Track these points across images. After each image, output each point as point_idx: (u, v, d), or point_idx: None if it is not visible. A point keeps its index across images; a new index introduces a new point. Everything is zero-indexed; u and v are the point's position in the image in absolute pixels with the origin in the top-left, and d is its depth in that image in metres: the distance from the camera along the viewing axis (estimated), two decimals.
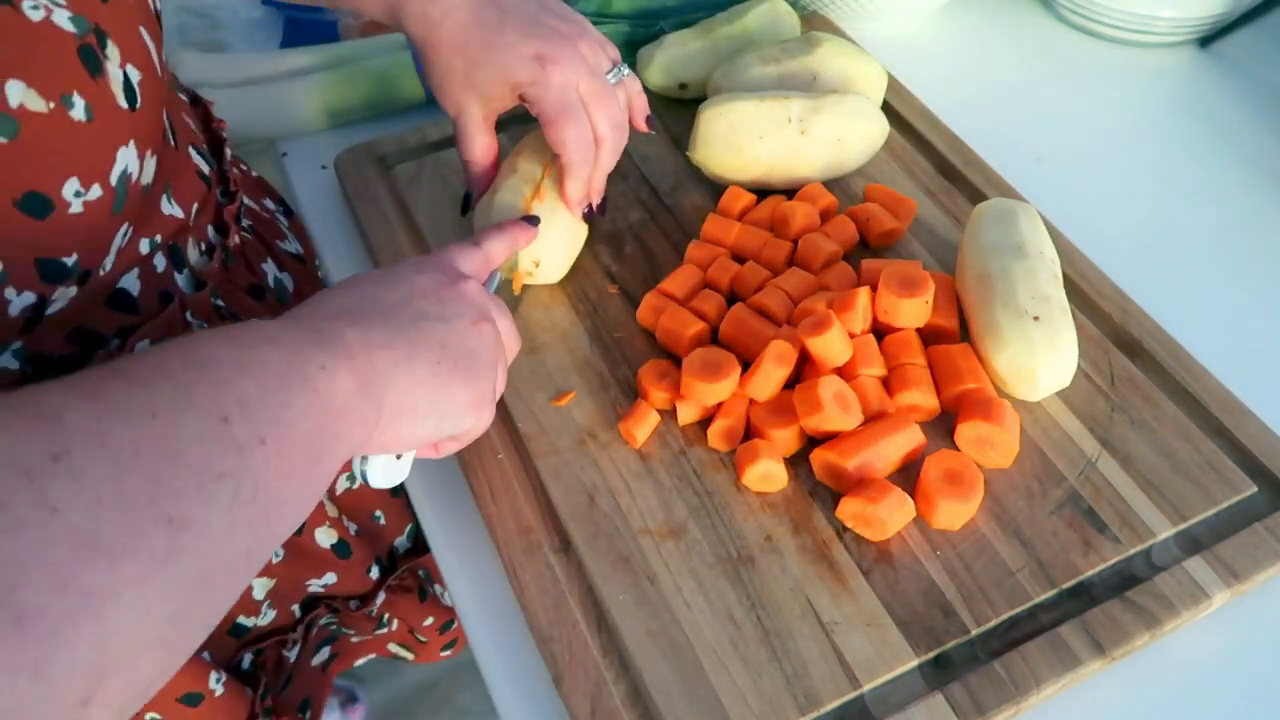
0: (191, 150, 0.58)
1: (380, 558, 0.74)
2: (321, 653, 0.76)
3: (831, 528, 0.56)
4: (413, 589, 0.78)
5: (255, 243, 0.65)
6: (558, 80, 0.60)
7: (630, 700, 0.50)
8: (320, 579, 0.68)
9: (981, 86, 0.89)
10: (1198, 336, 0.65)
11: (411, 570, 0.77)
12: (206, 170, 0.59)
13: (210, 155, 0.61)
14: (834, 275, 0.66)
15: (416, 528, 0.76)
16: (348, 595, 0.72)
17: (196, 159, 0.58)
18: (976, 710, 0.49)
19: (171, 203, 0.54)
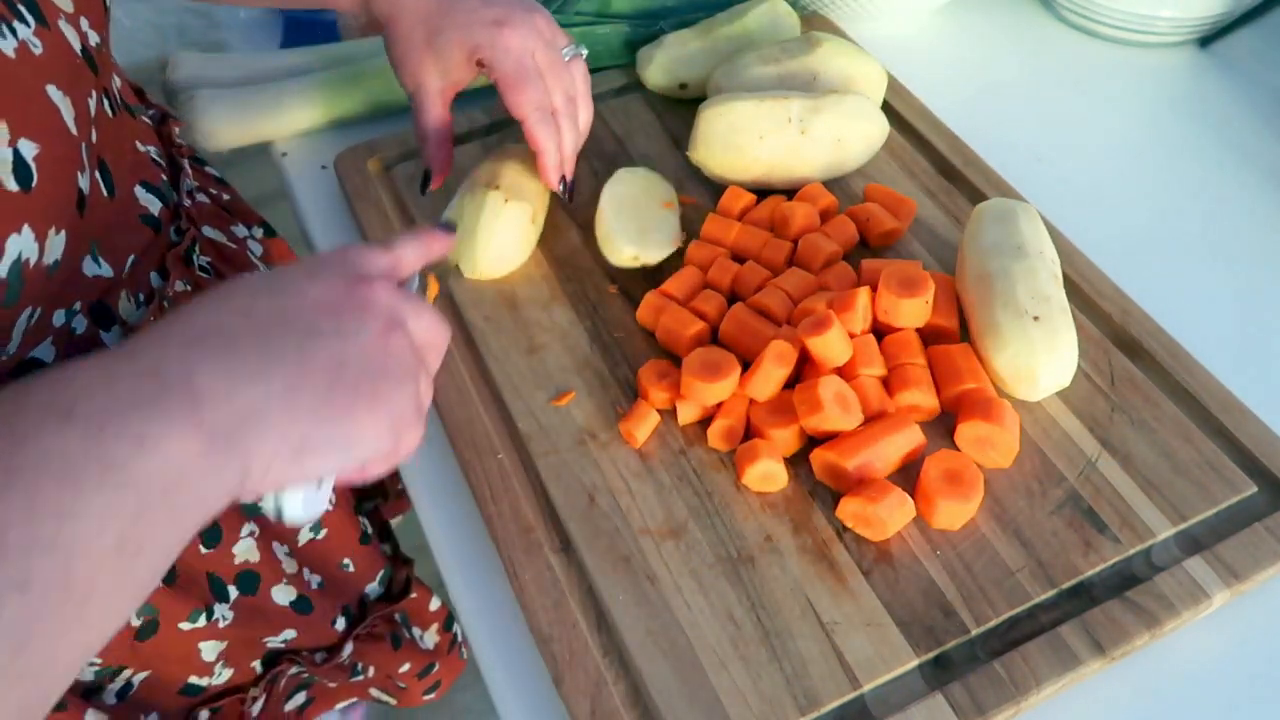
0: (139, 191, 0.54)
1: (348, 607, 0.69)
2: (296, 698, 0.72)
3: (831, 528, 0.56)
4: (384, 637, 0.73)
5: (213, 281, 0.60)
6: (515, 45, 0.62)
7: (630, 700, 0.50)
8: (278, 636, 0.64)
9: (981, 86, 0.89)
10: (1198, 336, 0.65)
11: (385, 617, 0.73)
12: (157, 210, 0.55)
13: (168, 186, 0.57)
14: (834, 275, 0.66)
15: (391, 573, 0.72)
16: (312, 649, 0.68)
17: (145, 200, 0.54)
18: (976, 710, 0.49)
19: (99, 262, 0.49)
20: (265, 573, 0.61)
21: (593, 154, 0.78)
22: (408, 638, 0.76)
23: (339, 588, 0.68)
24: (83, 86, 0.46)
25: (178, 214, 0.57)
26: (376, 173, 0.77)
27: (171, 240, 0.55)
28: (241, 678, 0.64)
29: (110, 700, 0.56)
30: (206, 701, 0.62)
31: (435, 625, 0.77)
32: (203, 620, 0.57)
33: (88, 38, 0.48)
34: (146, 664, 0.57)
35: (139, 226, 0.53)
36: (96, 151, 0.48)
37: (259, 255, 0.67)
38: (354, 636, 0.70)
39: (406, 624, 0.75)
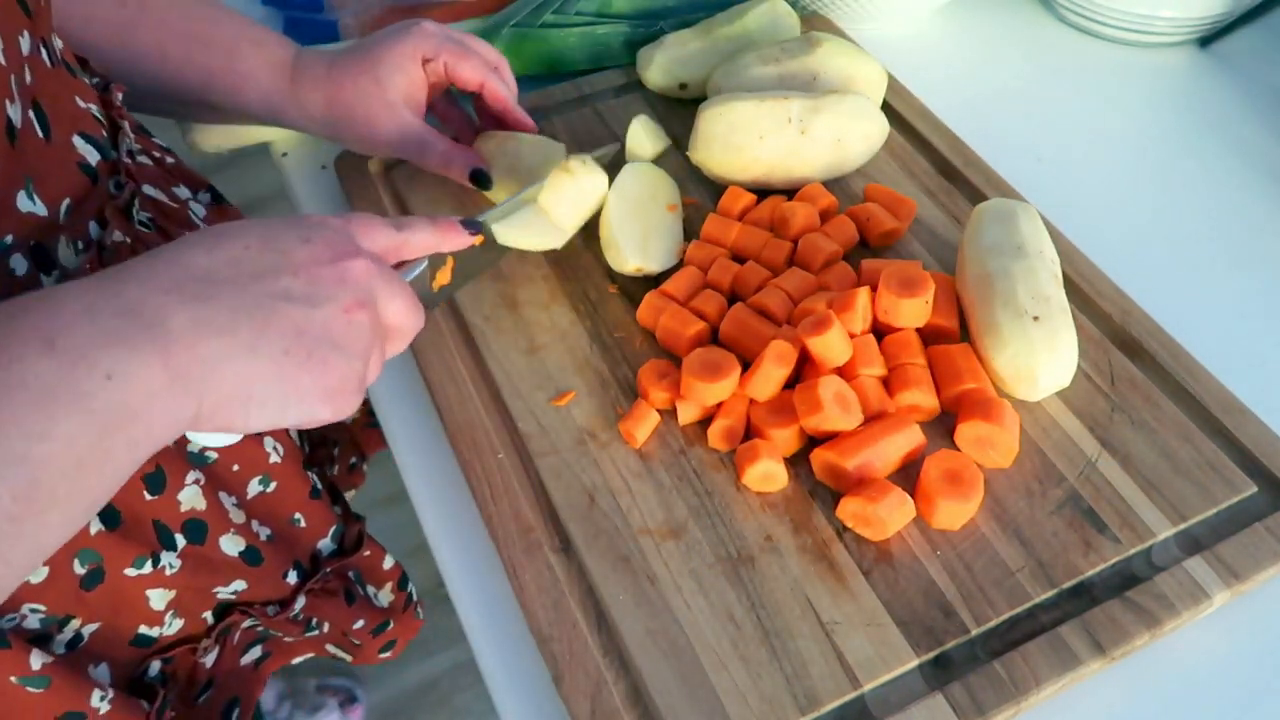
0: (78, 140, 0.54)
1: (299, 561, 0.69)
2: (253, 651, 0.71)
3: (831, 528, 0.56)
4: (338, 592, 0.73)
5: (156, 236, 0.61)
6: (433, 29, 0.68)
7: (630, 700, 0.50)
8: (228, 586, 0.64)
9: (981, 86, 0.89)
10: (1198, 336, 0.65)
11: (339, 573, 0.73)
12: (94, 161, 0.55)
13: (107, 143, 0.57)
14: (834, 275, 0.66)
15: (343, 529, 0.71)
16: (263, 601, 0.68)
17: (83, 149, 0.55)
18: (976, 710, 0.49)
19: (34, 199, 0.50)
20: (212, 522, 0.60)
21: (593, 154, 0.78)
22: (361, 595, 0.76)
23: (290, 542, 0.68)
24: (11, 25, 0.47)
25: (117, 170, 0.58)
26: (376, 173, 0.77)
27: (110, 192, 0.56)
28: (193, 628, 0.63)
29: (60, 650, 0.56)
30: (158, 652, 0.62)
31: (390, 584, 0.78)
32: (148, 567, 0.57)
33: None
34: (95, 614, 0.56)
35: (76, 173, 0.54)
36: (31, 92, 0.49)
37: (201, 217, 0.67)
38: (306, 590, 0.69)
39: (360, 582, 0.76)
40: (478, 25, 0.86)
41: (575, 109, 0.82)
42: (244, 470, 0.62)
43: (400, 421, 0.65)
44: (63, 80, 0.54)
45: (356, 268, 0.45)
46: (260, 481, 0.64)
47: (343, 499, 0.75)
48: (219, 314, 0.40)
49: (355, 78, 0.67)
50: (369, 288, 0.45)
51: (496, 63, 0.72)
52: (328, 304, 0.43)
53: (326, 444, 0.84)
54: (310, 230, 0.45)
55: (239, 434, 0.47)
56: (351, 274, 0.45)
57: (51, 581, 0.53)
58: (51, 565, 0.52)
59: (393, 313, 0.47)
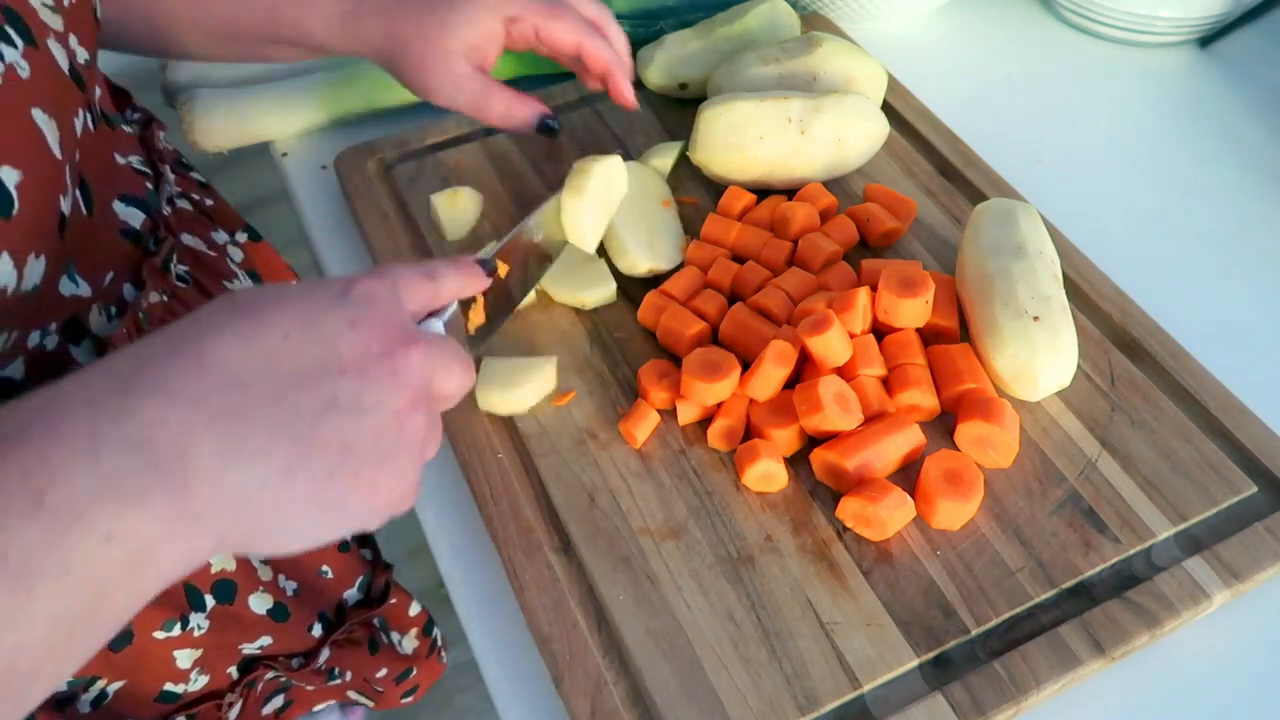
0: (118, 205, 0.52)
1: (325, 613, 0.68)
2: (274, 701, 0.71)
3: (831, 528, 0.56)
4: (362, 642, 0.72)
5: (191, 291, 0.58)
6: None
7: (630, 700, 0.50)
8: (254, 643, 0.63)
9: (981, 86, 0.89)
10: (1198, 336, 0.65)
11: (363, 623, 0.71)
12: (138, 223, 0.53)
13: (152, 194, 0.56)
14: (834, 275, 0.66)
15: (369, 579, 0.71)
16: (288, 654, 0.67)
17: (124, 214, 0.52)
18: (976, 710, 0.49)
19: (76, 281, 0.48)
20: (242, 581, 0.60)
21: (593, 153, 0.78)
22: (385, 642, 0.74)
23: (316, 594, 0.67)
24: (70, 107, 0.45)
25: (156, 225, 0.55)
26: (376, 173, 0.77)
27: (148, 249, 0.54)
28: (217, 684, 0.63)
29: (85, 709, 0.56)
30: (183, 708, 0.61)
31: (415, 630, 0.76)
32: (178, 629, 0.57)
33: (76, 55, 0.46)
34: (121, 673, 0.56)
35: (118, 241, 0.52)
36: (78, 169, 0.47)
37: (239, 261, 0.65)
38: (331, 642, 0.69)
39: (385, 629, 0.74)
40: None
41: (575, 109, 0.82)
42: None
43: None
44: (104, 140, 0.52)
45: (412, 360, 0.38)
46: None
47: (373, 542, 0.75)
48: (252, 436, 0.34)
49: (421, 17, 0.61)
50: (422, 381, 0.38)
51: (597, 17, 0.65)
52: (380, 409, 0.36)
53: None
54: (357, 309, 0.37)
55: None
56: (405, 368, 0.37)
57: None
58: None
59: (451, 386, 0.40)
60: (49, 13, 0.45)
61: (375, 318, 0.37)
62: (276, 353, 0.35)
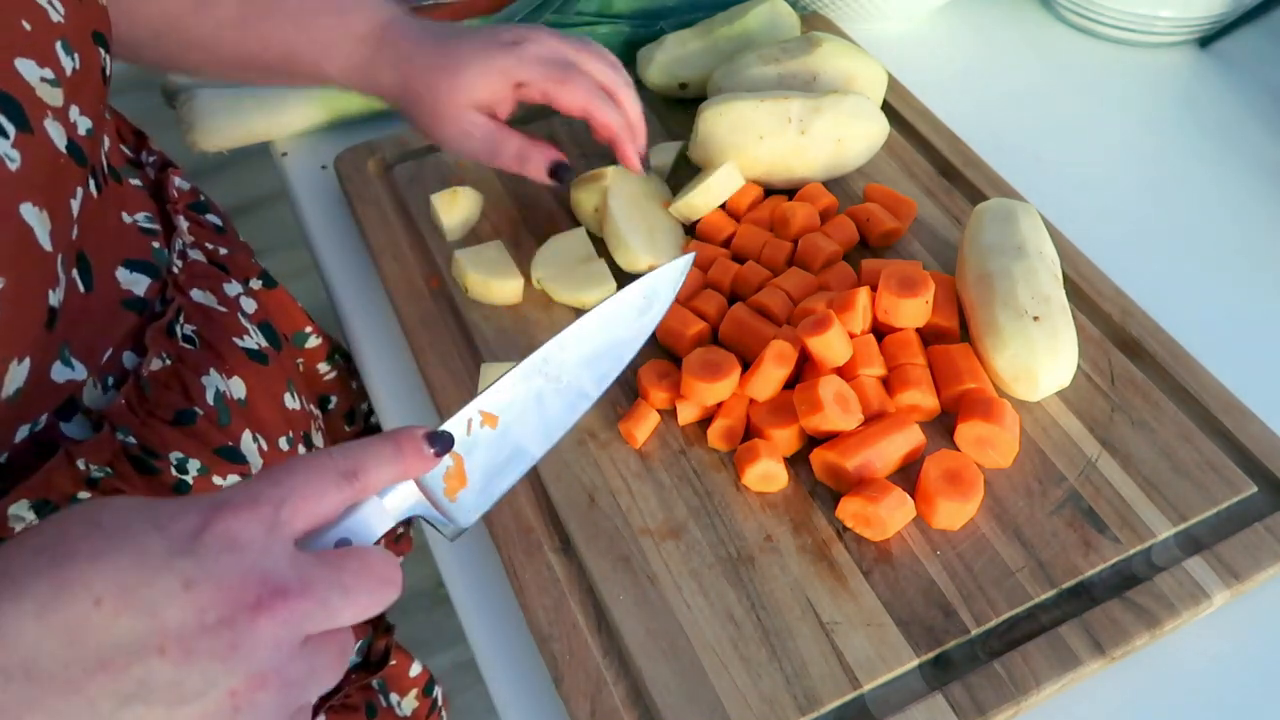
0: (122, 273, 0.50)
1: None
2: None
3: (831, 528, 0.56)
4: (359, 707, 0.69)
5: (198, 352, 0.56)
6: (539, 51, 0.62)
7: (630, 700, 0.50)
8: None
9: (982, 86, 0.89)
10: (1198, 336, 0.65)
11: (362, 687, 0.69)
12: (143, 289, 0.51)
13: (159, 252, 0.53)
14: (834, 275, 0.66)
15: (370, 642, 0.69)
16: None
17: (127, 281, 0.50)
18: (976, 710, 0.49)
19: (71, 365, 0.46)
20: None
21: (593, 153, 0.78)
22: (384, 706, 0.72)
23: None
24: (66, 188, 0.43)
25: (165, 284, 0.53)
26: (376, 173, 0.77)
27: (154, 312, 0.52)
28: None
29: None
30: None
31: (415, 691, 0.75)
32: None
33: (76, 127, 0.44)
34: None
35: (120, 313, 0.50)
36: (77, 246, 0.45)
37: (251, 313, 0.63)
38: (327, 709, 0.67)
39: (384, 690, 0.73)
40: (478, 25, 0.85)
41: None
42: None
43: (400, 422, 0.65)
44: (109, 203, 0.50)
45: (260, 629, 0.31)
46: None
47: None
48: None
49: (431, 73, 0.62)
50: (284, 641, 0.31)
51: (611, 83, 0.65)
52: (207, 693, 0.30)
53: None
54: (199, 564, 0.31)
55: None
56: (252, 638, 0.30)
57: None
58: None
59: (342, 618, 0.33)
60: (48, 88, 0.42)
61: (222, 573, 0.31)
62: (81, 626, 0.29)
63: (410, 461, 0.38)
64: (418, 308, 0.68)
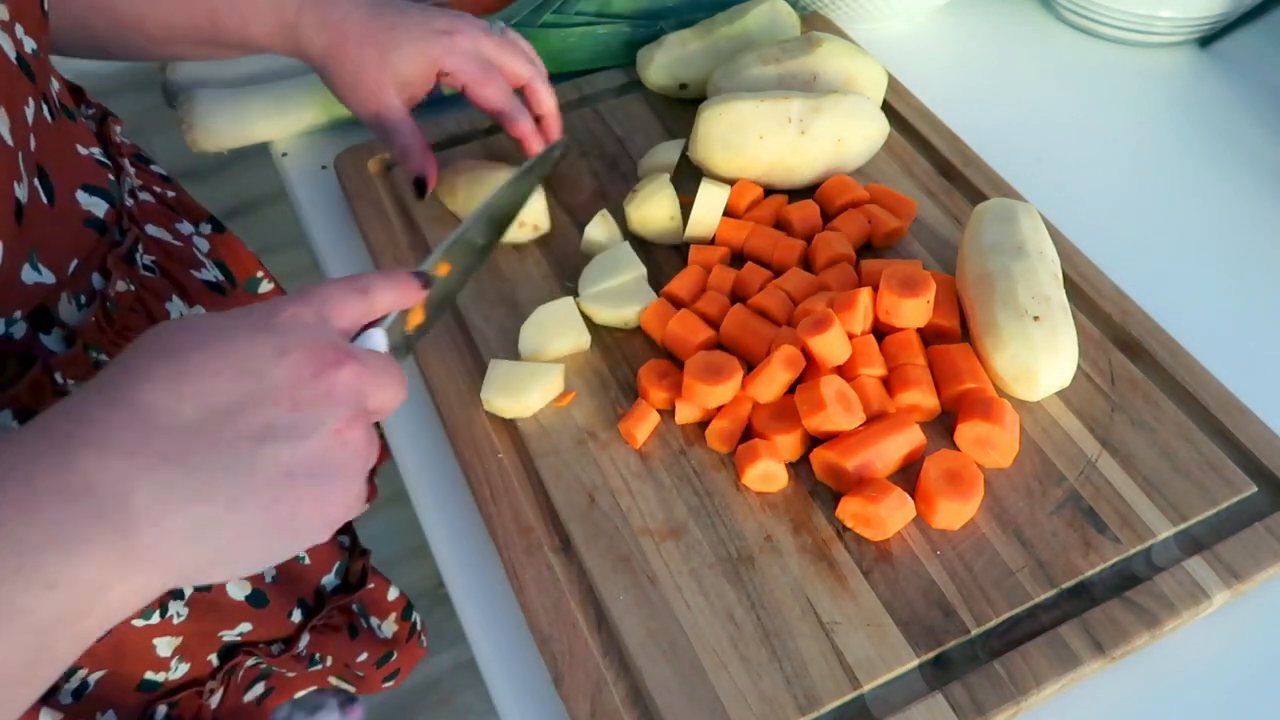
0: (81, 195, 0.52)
1: (304, 599, 0.68)
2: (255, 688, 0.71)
3: (831, 528, 0.56)
4: (341, 627, 0.72)
5: (160, 280, 0.58)
6: (468, 46, 0.65)
7: (630, 700, 0.50)
8: (234, 629, 0.63)
9: (981, 86, 0.89)
10: (1198, 336, 0.65)
11: (342, 608, 0.72)
12: (102, 212, 0.53)
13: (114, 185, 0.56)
14: (834, 275, 0.66)
15: (346, 564, 0.71)
16: (268, 641, 0.67)
17: (88, 204, 0.52)
18: (976, 710, 0.49)
19: (39, 269, 0.48)
20: None
21: (593, 154, 0.78)
22: (365, 627, 0.75)
23: (294, 581, 0.68)
24: (19, 95, 0.45)
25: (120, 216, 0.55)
26: (376, 173, 0.77)
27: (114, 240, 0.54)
28: (198, 671, 0.63)
29: (66, 700, 0.56)
30: (164, 696, 0.61)
31: (394, 615, 0.77)
32: (156, 617, 0.57)
33: (23, 44, 0.46)
34: (101, 663, 0.56)
35: (82, 230, 0.52)
36: (35, 159, 0.47)
37: (205, 251, 0.65)
38: (310, 628, 0.69)
39: (364, 614, 0.75)
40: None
41: (575, 109, 0.82)
42: None
43: (400, 422, 0.65)
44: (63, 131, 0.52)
45: (344, 378, 0.38)
46: None
47: (351, 528, 0.75)
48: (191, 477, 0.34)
49: (361, 44, 0.64)
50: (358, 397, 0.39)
51: (529, 78, 0.68)
52: (318, 430, 0.37)
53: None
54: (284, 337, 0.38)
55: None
56: (339, 388, 0.38)
57: None
58: None
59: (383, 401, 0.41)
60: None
61: (303, 342, 0.38)
62: (207, 392, 0.36)
63: (403, 287, 0.46)
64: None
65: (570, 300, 0.66)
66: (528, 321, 0.64)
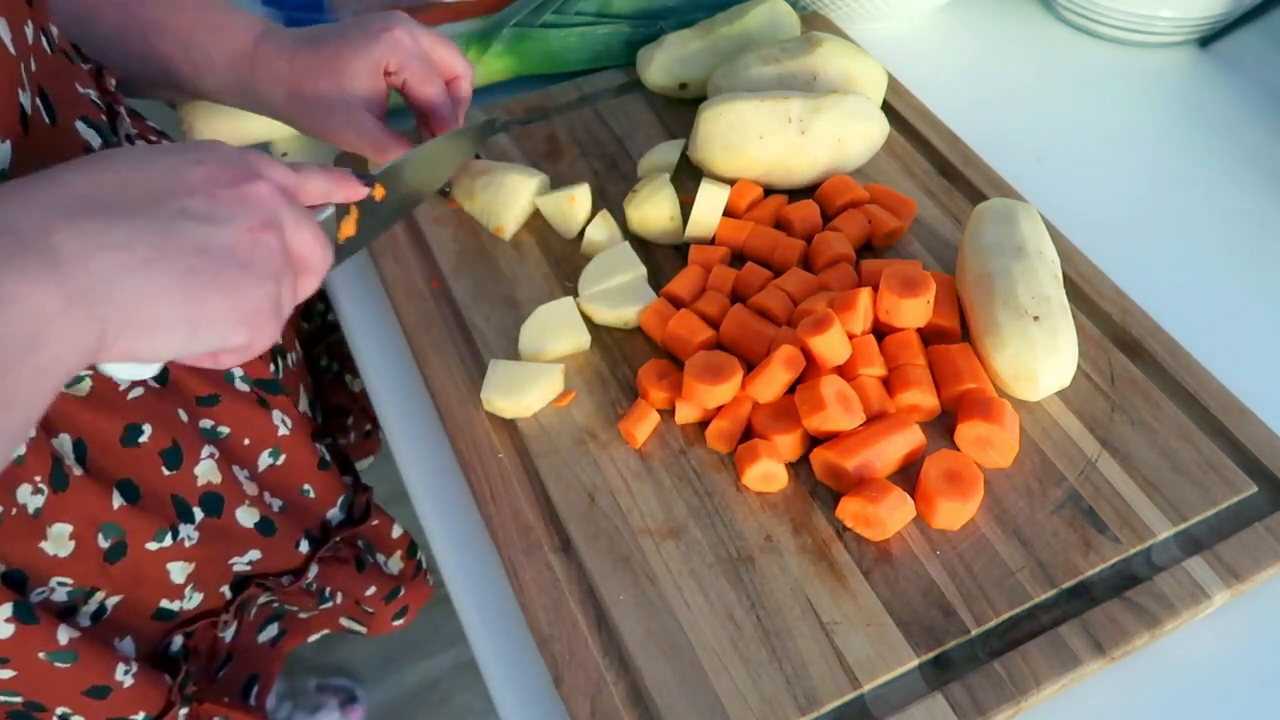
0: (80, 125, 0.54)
1: (310, 531, 0.70)
2: (269, 629, 0.73)
3: (831, 528, 0.56)
4: (349, 560, 0.74)
5: None
6: (407, 41, 0.65)
7: (630, 700, 0.50)
8: (243, 556, 0.65)
9: (981, 86, 0.89)
10: (1198, 336, 0.65)
11: (348, 541, 0.74)
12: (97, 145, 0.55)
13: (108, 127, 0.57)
14: (834, 275, 0.66)
15: (351, 498, 0.73)
16: (277, 572, 0.69)
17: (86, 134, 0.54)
18: (976, 710, 0.49)
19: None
20: (228, 494, 0.61)
21: (593, 154, 0.78)
22: (371, 562, 0.77)
23: (300, 512, 0.69)
24: (18, 15, 0.47)
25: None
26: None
27: None
28: (211, 603, 0.65)
29: (85, 623, 0.57)
30: (179, 626, 0.63)
31: (399, 552, 0.79)
32: (169, 540, 0.58)
33: None
34: (118, 587, 0.58)
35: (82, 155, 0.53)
36: (37, 79, 0.49)
37: None
38: (318, 559, 0.71)
39: (370, 550, 0.76)
40: (478, 25, 0.85)
41: (575, 109, 0.82)
42: (255, 444, 0.64)
43: (400, 422, 0.65)
44: (63, 66, 0.54)
45: (259, 189, 0.42)
46: (270, 454, 0.66)
47: (353, 469, 0.77)
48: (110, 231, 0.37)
49: (316, 79, 0.64)
50: (273, 211, 0.42)
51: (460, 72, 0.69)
52: (231, 223, 0.41)
53: (339, 413, 0.85)
54: (204, 153, 0.42)
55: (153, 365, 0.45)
56: (253, 196, 0.42)
57: (78, 555, 0.54)
58: (76, 539, 0.54)
59: (300, 242, 0.44)
60: None
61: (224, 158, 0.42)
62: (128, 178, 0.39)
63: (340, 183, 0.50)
64: (418, 308, 0.68)
65: (570, 300, 0.66)
66: (528, 321, 0.64)
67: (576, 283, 0.68)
